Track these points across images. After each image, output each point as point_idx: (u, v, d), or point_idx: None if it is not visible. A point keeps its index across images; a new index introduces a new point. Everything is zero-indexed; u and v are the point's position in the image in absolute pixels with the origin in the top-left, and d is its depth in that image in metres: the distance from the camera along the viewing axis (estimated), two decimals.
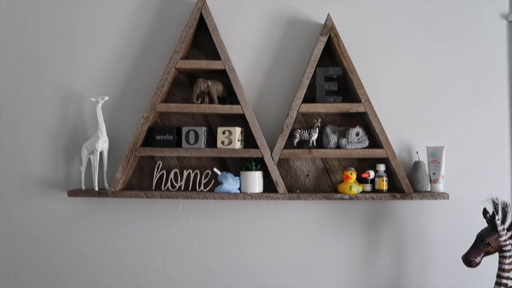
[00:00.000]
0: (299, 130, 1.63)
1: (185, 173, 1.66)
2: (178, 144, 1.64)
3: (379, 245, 1.69)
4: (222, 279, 1.70)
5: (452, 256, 1.64)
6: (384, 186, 1.61)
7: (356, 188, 1.58)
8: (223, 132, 1.61)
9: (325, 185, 1.69)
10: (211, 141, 1.67)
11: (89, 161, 1.67)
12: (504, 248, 1.36)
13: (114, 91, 1.73)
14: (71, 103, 1.73)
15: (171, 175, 1.66)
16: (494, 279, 1.39)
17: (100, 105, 1.63)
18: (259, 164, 1.63)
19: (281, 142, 1.60)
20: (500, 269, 1.37)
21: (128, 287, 1.71)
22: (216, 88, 1.62)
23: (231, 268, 1.70)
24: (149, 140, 1.67)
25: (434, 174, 1.61)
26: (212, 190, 1.64)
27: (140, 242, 1.72)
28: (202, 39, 1.71)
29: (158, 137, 1.63)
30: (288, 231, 1.70)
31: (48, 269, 1.73)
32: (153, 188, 1.66)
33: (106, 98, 1.64)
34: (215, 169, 1.63)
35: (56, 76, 1.74)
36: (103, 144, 1.63)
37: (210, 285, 1.70)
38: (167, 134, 1.63)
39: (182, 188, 1.66)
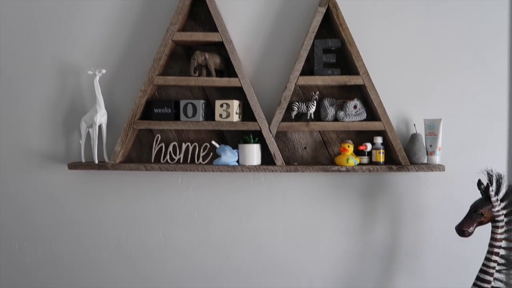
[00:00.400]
0: (297, 103, 1.63)
1: (184, 146, 1.68)
2: (176, 117, 1.65)
3: (374, 216, 1.72)
4: (221, 249, 1.75)
5: (446, 226, 1.68)
6: (381, 159, 1.63)
7: (353, 160, 1.59)
8: (221, 105, 1.61)
9: (323, 158, 1.71)
10: (209, 114, 1.67)
11: (88, 134, 1.68)
12: (496, 219, 1.39)
13: (111, 64, 1.72)
14: (68, 76, 1.73)
15: (170, 148, 1.68)
16: (486, 248, 1.43)
17: (97, 78, 1.62)
18: (257, 137, 1.64)
19: (279, 115, 1.61)
20: (492, 238, 1.41)
21: (130, 257, 1.76)
22: (214, 60, 1.61)
23: (230, 238, 1.74)
24: (147, 113, 1.67)
25: (431, 146, 1.62)
26: (210, 162, 1.66)
27: (140, 214, 1.75)
28: (199, 10, 1.68)
29: (156, 110, 1.64)
30: (285, 202, 1.73)
31: (51, 240, 1.77)
32: (152, 161, 1.68)
33: (104, 71, 1.63)
34: (213, 142, 1.64)
35: (52, 48, 1.73)
36: (101, 117, 1.64)
37: (210, 255, 1.75)
38: (165, 107, 1.64)
39: (181, 161, 1.68)
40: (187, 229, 1.75)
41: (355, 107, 1.63)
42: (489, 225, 1.43)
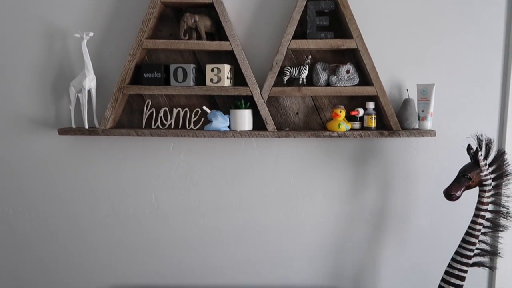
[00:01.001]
0: (289, 67, 1.60)
1: (175, 111, 1.66)
2: (167, 82, 1.62)
3: (365, 181, 1.74)
4: (213, 213, 1.77)
5: (435, 191, 1.71)
6: (373, 124, 1.62)
7: (345, 126, 1.59)
8: (212, 70, 1.59)
9: (315, 123, 1.70)
10: (200, 79, 1.65)
11: (77, 100, 1.66)
12: (484, 183, 1.41)
13: (99, 26, 1.67)
14: (55, 40, 1.68)
15: (161, 114, 1.66)
16: (473, 211, 1.46)
17: (85, 41, 1.58)
18: (249, 102, 1.63)
19: (271, 79, 1.59)
20: (479, 202, 1.43)
21: (124, 222, 1.79)
22: (204, 23, 1.57)
23: (222, 203, 1.76)
24: (137, 78, 1.65)
25: (422, 111, 1.62)
26: (202, 128, 1.65)
27: (132, 179, 1.76)
28: None
29: (146, 75, 1.61)
30: (277, 167, 1.74)
31: (44, 205, 1.78)
32: (143, 127, 1.67)
33: (91, 34, 1.59)
34: (204, 107, 1.62)
35: (38, 10, 1.67)
36: (90, 82, 1.61)
37: (202, 220, 1.78)
38: (155, 72, 1.61)
39: (172, 126, 1.67)
40: (179, 194, 1.76)
41: (347, 71, 1.60)
42: (476, 189, 1.45)
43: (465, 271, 1.46)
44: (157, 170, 1.75)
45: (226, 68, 1.58)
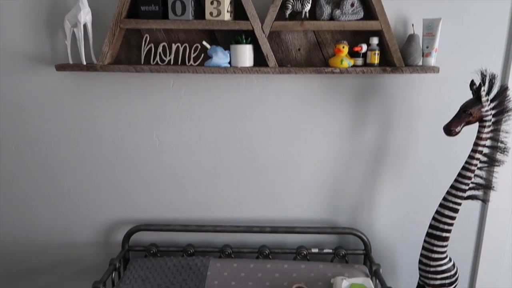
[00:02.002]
0: (291, 1, 1.54)
1: (174, 46, 1.62)
2: (165, 16, 1.57)
3: (366, 119, 1.74)
4: (214, 151, 1.79)
5: (435, 128, 1.72)
6: (376, 60, 1.60)
7: (347, 62, 1.57)
8: (211, 3, 1.53)
9: (317, 60, 1.67)
10: (199, 13, 1.59)
11: (74, 35, 1.61)
12: (484, 118, 1.42)
13: None
14: None
15: (160, 49, 1.63)
16: (470, 148, 1.48)
17: None
18: (250, 37, 1.59)
19: (272, 13, 1.53)
20: (478, 137, 1.45)
21: (126, 159, 1.81)
22: None
23: (223, 140, 1.78)
24: (134, 11, 1.59)
25: (427, 47, 1.59)
26: (202, 64, 1.62)
27: (133, 116, 1.76)
28: None
29: (142, 8, 1.55)
30: (278, 105, 1.73)
31: (46, 142, 1.80)
32: (142, 63, 1.64)
33: None
34: (204, 43, 1.58)
35: None
36: (85, 15, 1.55)
37: (203, 157, 1.80)
38: (152, 5, 1.55)
39: (172, 63, 1.64)
40: (180, 131, 1.77)
41: (352, 5, 1.55)
42: (475, 125, 1.46)
43: (459, 204, 1.51)
44: (158, 107, 1.75)
45: (226, 1, 1.52)
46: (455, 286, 1.64)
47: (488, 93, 1.41)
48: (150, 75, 1.70)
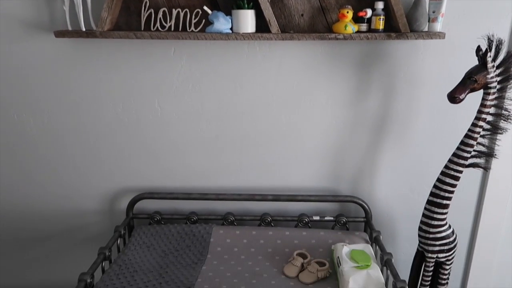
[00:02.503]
0: None
1: (174, 12, 1.59)
2: None
3: (369, 86, 1.72)
4: (216, 118, 1.79)
5: (439, 96, 1.70)
6: (381, 26, 1.56)
7: (351, 27, 1.53)
8: None
9: (320, 26, 1.64)
10: None
11: (71, 0, 1.58)
12: (489, 85, 1.40)
13: None
14: None
15: (160, 15, 1.59)
16: (474, 116, 1.47)
17: None
18: (251, 2, 1.55)
19: None
20: (482, 105, 1.44)
21: (128, 128, 1.81)
22: None
23: (225, 108, 1.77)
24: None
25: (433, 12, 1.55)
26: (203, 30, 1.59)
27: (134, 84, 1.74)
28: None
29: None
30: (280, 72, 1.71)
31: (49, 111, 1.79)
32: (142, 29, 1.61)
33: None
34: (205, 8, 1.55)
35: None
36: None
37: (206, 124, 1.80)
38: None
39: (172, 29, 1.61)
40: (182, 99, 1.76)
41: None
42: (479, 93, 1.44)
43: (461, 172, 1.52)
44: (159, 75, 1.73)
45: None
46: (453, 252, 1.67)
47: (494, 59, 1.39)
48: (150, 42, 1.67)
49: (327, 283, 1.53)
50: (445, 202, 1.56)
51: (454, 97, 1.40)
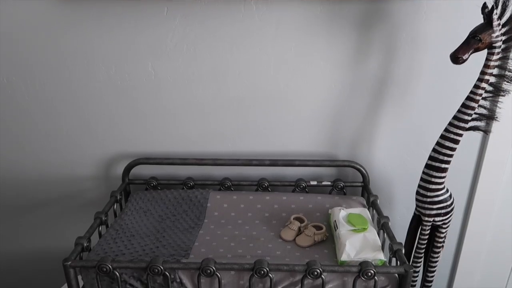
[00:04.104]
0: None
1: None
2: None
3: (369, 48, 1.67)
4: (212, 81, 1.74)
5: (441, 57, 1.66)
6: None
7: None
8: None
9: None
10: None
11: None
12: (494, 45, 1.35)
13: None
14: None
15: None
16: (476, 77, 1.43)
17: None
18: None
19: None
20: (486, 65, 1.39)
21: (122, 91, 1.77)
22: None
23: (221, 71, 1.72)
24: None
25: None
26: None
27: (126, 46, 1.69)
28: None
29: None
30: (278, 33, 1.65)
31: (39, 74, 1.74)
32: None
33: None
34: None
35: None
36: None
37: (201, 88, 1.76)
38: None
39: None
40: (176, 62, 1.71)
41: None
42: (483, 54, 1.40)
43: (461, 135, 1.49)
44: (152, 37, 1.67)
45: None
46: (450, 216, 1.67)
47: (500, 17, 1.34)
48: (142, 1, 1.60)
49: (324, 246, 1.54)
50: (443, 166, 1.54)
51: (457, 57, 1.36)
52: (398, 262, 1.34)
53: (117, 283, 1.32)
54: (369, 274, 1.25)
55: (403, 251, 1.36)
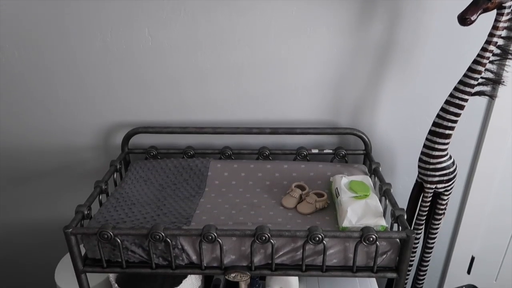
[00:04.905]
0: None
1: None
2: None
3: (373, 12, 1.61)
4: (211, 47, 1.69)
5: (447, 21, 1.60)
6: None
7: None
8: None
9: None
10: None
11: None
12: (504, 5, 1.30)
13: None
14: None
15: None
16: (484, 39, 1.38)
17: None
18: None
19: None
20: (494, 27, 1.35)
21: (118, 58, 1.72)
22: None
23: (220, 37, 1.67)
24: None
25: None
26: None
27: (122, 12, 1.63)
28: None
29: None
30: None
31: (33, 42, 1.69)
32: None
33: None
34: None
35: None
36: None
37: (200, 54, 1.71)
38: None
39: None
40: (174, 28, 1.65)
41: None
42: (491, 16, 1.35)
43: (466, 100, 1.46)
44: (147, 2, 1.61)
45: None
46: (453, 183, 1.66)
47: None
48: None
49: (325, 213, 1.53)
50: (447, 132, 1.52)
51: (465, 18, 1.31)
52: (400, 228, 1.34)
53: (119, 250, 1.32)
54: (371, 239, 1.25)
55: (405, 217, 1.35)
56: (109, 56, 1.71)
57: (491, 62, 1.42)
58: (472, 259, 2.18)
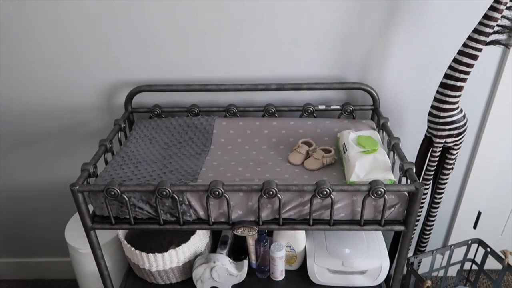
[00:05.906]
0: None
1: None
2: None
3: None
4: (213, 1, 1.62)
5: None
6: None
7: None
8: None
9: None
10: None
11: None
12: None
13: None
14: None
15: None
16: None
17: None
18: None
19: None
20: None
21: (119, 15, 1.65)
22: None
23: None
24: None
25: None
26: None
27: None
28: None
29: None
30: None
31: None
32: None
33: None
34: None
35: None
36: None
37: (203, 8, 1.63)
38: None
39: None
40: None
41: None
42: None
43: (480, 50, 1.40)
44: None
45: None
46: (462, 137, 1.63)
47: None
48: None
49: (332, 169, 1.52)
50: (459, 84, 1.47)
51: None
52: (409, 181, 1.32)
53: (126, 207, 1.33)
54: (379, 192, 1.24)
55: (414, 170, 1.34)
56: (108, 11, 1.65)
57: (509, 8, 1.35)
58: (479, 214, 2.18)
